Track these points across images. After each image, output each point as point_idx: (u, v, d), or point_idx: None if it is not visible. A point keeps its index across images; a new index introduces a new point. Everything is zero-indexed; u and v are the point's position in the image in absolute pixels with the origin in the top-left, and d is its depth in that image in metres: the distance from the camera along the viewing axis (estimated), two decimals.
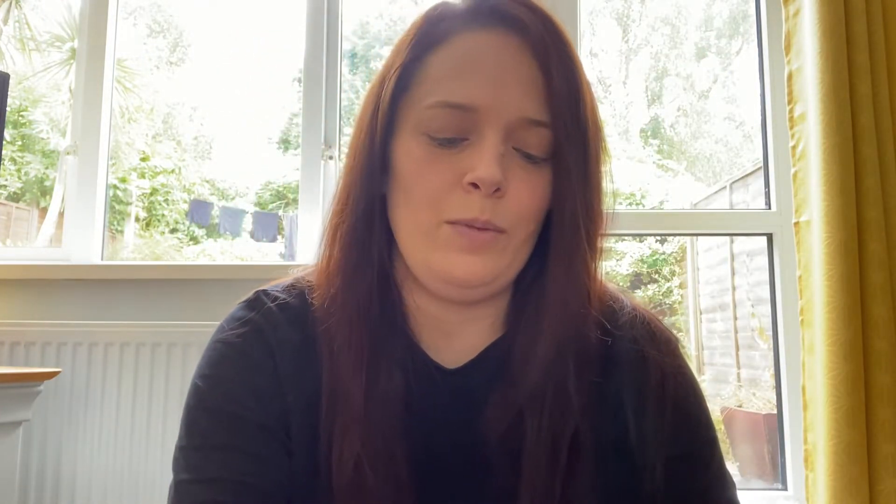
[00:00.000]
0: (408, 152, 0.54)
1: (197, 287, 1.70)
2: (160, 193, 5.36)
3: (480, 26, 0.53)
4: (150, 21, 5.69)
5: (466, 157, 0.52)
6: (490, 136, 0.52)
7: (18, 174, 4.94)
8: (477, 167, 0.51)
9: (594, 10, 5.65)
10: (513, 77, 0.52)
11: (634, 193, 5.58)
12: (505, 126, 0.52)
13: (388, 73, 0.56)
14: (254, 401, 0.55)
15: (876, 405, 1.38)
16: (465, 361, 0.59)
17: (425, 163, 0.53)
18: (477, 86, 0.52)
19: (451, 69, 0.53)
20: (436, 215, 0.53)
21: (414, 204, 0.54)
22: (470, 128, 0.52)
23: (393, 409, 0.54)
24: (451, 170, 0.52)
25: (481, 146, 0.52)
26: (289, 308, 0.59)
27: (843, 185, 1.41)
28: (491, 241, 0.53)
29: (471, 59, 0.52)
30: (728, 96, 6.17)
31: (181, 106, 5.82)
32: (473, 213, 0.51)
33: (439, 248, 0.53)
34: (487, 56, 0.52)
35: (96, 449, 1.59)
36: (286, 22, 4.00)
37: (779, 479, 1.73)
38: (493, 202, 0.52)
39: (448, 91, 0.52)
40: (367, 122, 0.56)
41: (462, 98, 0.52)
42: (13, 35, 4.89)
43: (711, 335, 4.32)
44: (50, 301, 1.71)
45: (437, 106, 0.52)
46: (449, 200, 0.52)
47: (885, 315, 1.40)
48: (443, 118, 0.52)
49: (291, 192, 5.41)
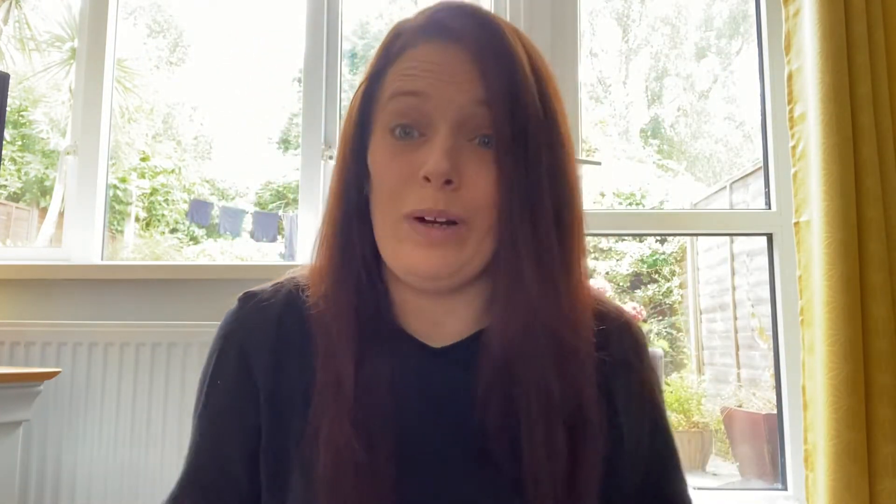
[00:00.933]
0: (377, 152, 0.60)
1: (197, 287, 1.70)
2: (160, 193, 5.36)
3: (427, 39, 0.60)
4: (150, 21, 5.69)
5: (422, 153, 0.57)
6: (441, 130, 0.56)
7: (18, 174, 4.94)
8: (427, 161, 0.55)
9: (594, 10, 5.65)
10: (454, 75, 0.58)
11: (634, 193, 5.59)
12: (453, 120, 0.57)
13: (361, 86, 0.63)
14: (225, 424, 0.65)
15: (876, 405, 1.38)
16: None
17: (389, 160, 0.58)
18: (424, 79, 0.58)
19: (405, 70, 0.59)
20: (397, 209, 0.57)
21: (382, 200, 0.59)
22: (424, 122, 0.58)
23: (382, 393, 0.58)
24: (409, 165, 0.57)
25: (433, 141, 0.56)
26: (271, 308, 0.65)
27: (843, 185, 1.41)
28: (449, 235, 0.56)
29: (419, 62, 0.59)
30: (728, 96, 6.18)
31: (181, 106, 5.82)
32: (427, 204, 0.56)
33: (402, 243, 0.57)
34: (432, 59, 0.59)
35: (96, 449, 1.59)
36: (286, 22, 4.00)
37: (779, 479, 1.73)
38: (447, 194, 0.56)
39: (401, 84, 0.59)
40: (346, 135, 0.63)
41: (412, 86, 0.58)
42: (13, 35, 4.88)
43: (711, 335, 4.32)
44: (50, 301, 1.71)
45: (392, 96, 0.59)
46: (407, 194, 0.57)
47: (885, 315, 1.40)
48: (398, 105, 0.58)
49: (291, 192, 5.41)
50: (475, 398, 0.58)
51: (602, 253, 5.29)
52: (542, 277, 0.57)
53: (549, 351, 0.58)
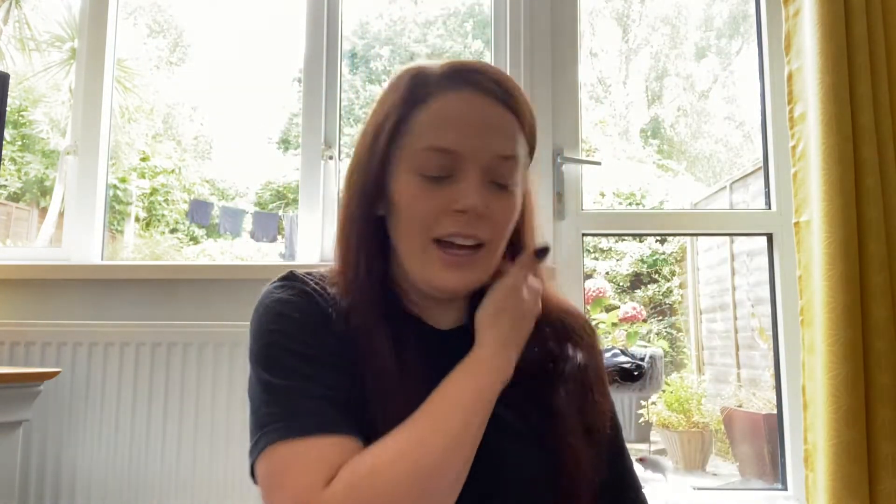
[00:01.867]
0: (404, 188, 0.68)
1: (197, 287, 1.70)
2: (160, 193, 5.36)
3: (455, 89, 0.69)
4: (150, 21, 5.69)
5: (452, 190, 0.67)
6: (471, 173, 0.67)
7: (18, 174, 4.94)
8: (465, 197, 0.66)
9: (594, 10, 5.66)
10: (483, 125, 0.68)
11: (634, 193, 5.59)
12: (482, 165, 0.68)
13: (382, 124, 0.70)
14: (321, 342, 0.66)
15: (876, 405, 1.38)
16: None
17: (418, 196, 0.68)
18: (458, 134, 0.67)
19: (437, 121, 0.68)
20: (426, 235, 0.67)
21: (409, 229, 0.68)
22: (454, 167, 0.67)
23: (417, 373, 0.66)
24: (440, 200, 0.67)
25: (466, 181, 0.67)
26: (312, 285, 0.71)
27: (843, 185, 1.41)
28: (472, 258, 0.68)
29: (451, 113, 0.68)
30: (728, 96, 6.18)
31: (181, 106, 5.82)
32: (458, 228, 0.67)
33: (431, 266, 0.68)
34: (463, 111, 0.68)
35: (96, 449, 1.59)
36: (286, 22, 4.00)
37: (779, 479, 1.73)
38: (476, 221, 0.67)
39: (435, 138, 0.67)
40: (364, 163, 0.71)
41: (447, 143, 0.67)
42: (13, 35, 4.88)
43: (711, 335, 4.32)
44: (50, 301, 1.71)
45: (427, 149, 0.67)
46: (439, 222, 0.67)
47: (885, 315, 1.40)
48: (433, 159, 0.67)
49: (291, 192, 5.40)
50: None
51: (602, 253, 5.29)
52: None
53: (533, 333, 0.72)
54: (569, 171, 1.73)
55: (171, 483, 1.57)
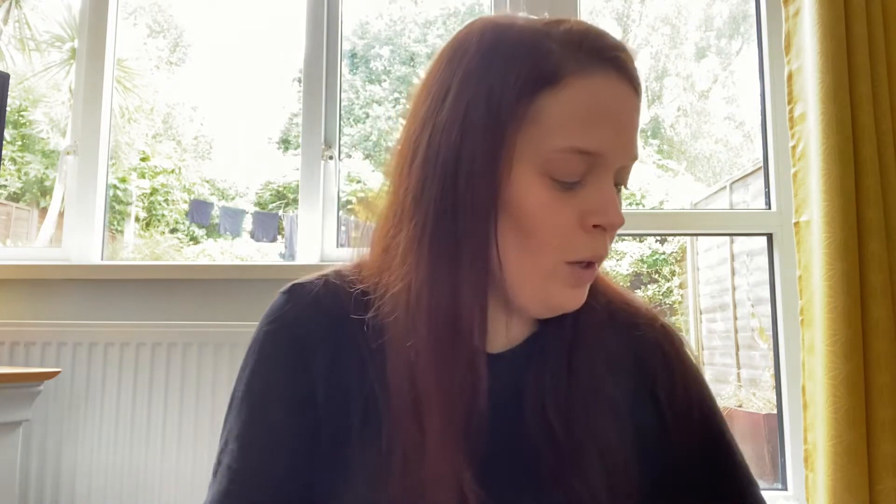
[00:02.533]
0: (529, 192, 0.55)
1: (197, 287, 1.70)
2: (160, 193, 5.36)
3: (596, 71, 0.55)
4: (150, 21, 5.69)
5: (584, 198, 0.55)
6: (607, 178, 0.56)
7: (18, 174, 4.94)
8: (605, 212, 0.55)
9: (594, 10, 5.66)
10: (630, 123, 0.56)
11: (634, 193, 5.59)
12: (618, 167, 0.57)
13: (496, 103, 0.54)
14: (284, 407, 0.59)
15: (876, 405, 1.38)
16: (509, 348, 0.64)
17: (550, 206, 0.55)
18: (608, 134, 0.54)
19: (581, 115, 0.54)
20: (559, 257, 0.56)
21: (536, 246, 0.56)
22: (589, 169, 0.55)
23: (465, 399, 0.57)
24: (573, 212, 0.55)
25: (602, 189, 0.55)
26: (323, 300, 0.62)
27: (843, 185, 1.41)
28: (593, 272, 0.59)
29: (599, 106, 0.54)
30: (728, 96, 6.18)
31: (181, 106, 5.82)
32: (599, 251, 0.57)
33: (557, 286, 0.57)
34: (612, 104, 0.55)
35: (96, 449, 1.59)
36: (286, 22, 4.00)
37: (779, 479, 1.73)
38: (608, 236, 0.57)
39: (580, 138, 0.54)
40: (483, 152, 0.55)
41: (596, 146, 0.54)
42: (13, 35, 4.88)
43: (711, 335, 4.32)
44: (50, 301, 1.71)
45: (568, 151, 0.54)
46: (572, 243, 0.56)
47: (885, 315, 1.40)
48: (572, 163, 0.54)
49: (291, 192, 5.40)
50: (536, 397, 0.60)
51: None
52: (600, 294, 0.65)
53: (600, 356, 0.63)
54: None
55: (171, 483, 1.56)
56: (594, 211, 0.55)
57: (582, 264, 0.56)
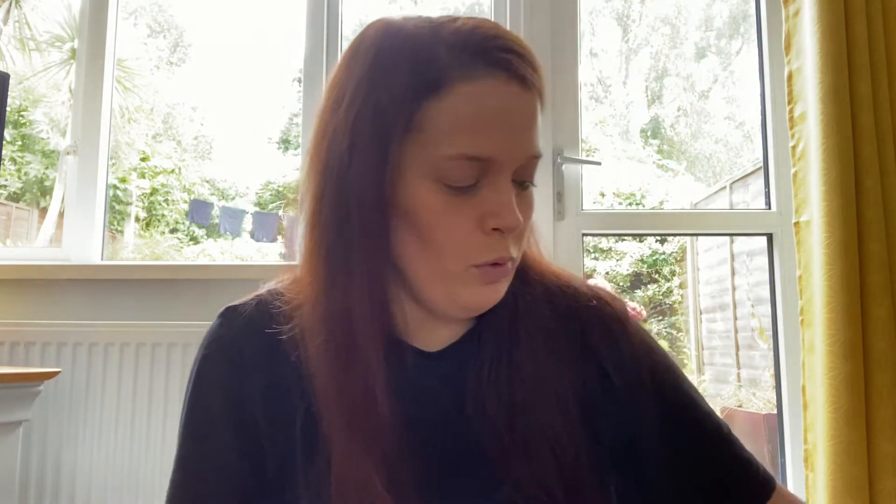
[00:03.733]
0: (422, 200, 0.54)
1: (197, 287, 1.70)
2: (160, 193, 5.36)
3: (481, 75, 0.54)
4: (151, 21, 5.69)
5: (481, 200, 0.55)
6: (504, 180, 0.55)
7: (18, 174, 4.94)
8: (501, 214, 0.54)
9: (594, 10, 5.65)
10: (522, 124, 0.55)
11: (634, 193, 5.59)
12: (514, 168, 0.56)
13: (383, 113, 0.54)
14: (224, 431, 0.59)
15: (876, 405, 1.38)
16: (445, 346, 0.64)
17: (444, 212, 0.54)
18: (497, 138, 0.54)
19: (466, 122, 0.53)
20: (463, 262, 0.55)
21: (435, 251, 0.55)
22: (483, 172, 0.55)
23: (386, 402, 0.56)
24: (470, 215, 0.55)
25: (499, 191, 0.55)
26: (256, 322, 0.62)
27: (843, 185, 1.41)
28: (504, 270, 0.58)
29: (485, 111, 0.53)
30: (728, 96, 6.18)
31: (181, 106, 5.82)
32: (500, 254, 0.56)
33: (467, 286, 0.56)
34: (500, 107, 0.54)
35: (96, 449, 1.59)
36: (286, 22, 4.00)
37: (779, 479, 1.72)
38: (511, 238, 0.56)
39: (468, 145, 0.53)
40: (369, 163, 0.55)
41: (482, 151, 0.53)
42: (13, 35, 4.89)
43: (711, 335, 4.32)
44: (50, 301, 1.71)
45: (457, 158, 0.53)
46: (473, 246, 0.55)
47: (885, 315, 1.40)
48: (462, 169, 0.54)
49: (291, 192, 5.40)
50: (476, 394, 0.60)
51: (602, 253, 5.29)
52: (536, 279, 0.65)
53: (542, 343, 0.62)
54: (569, 171, 1.73)
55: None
56: (490, 214, 0.54)
57: (490, 264, 0.56)
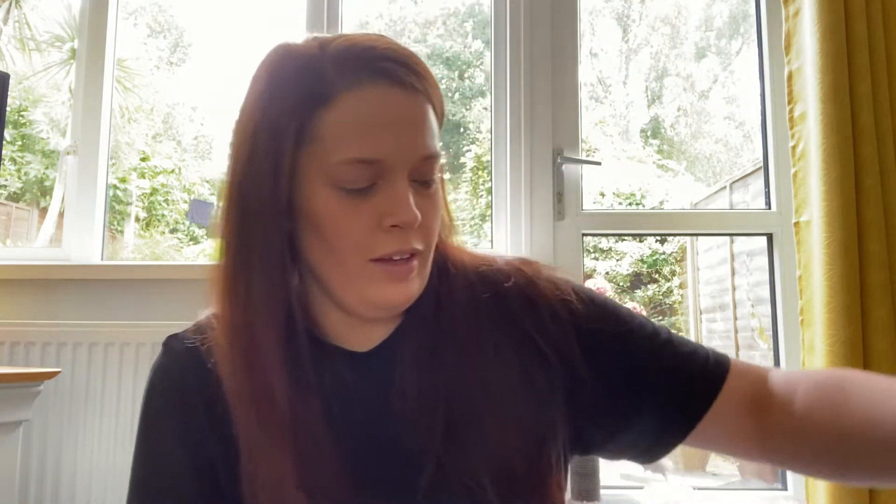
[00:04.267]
0: (322, 205, 0.58)
1: (197, 287, 1.69)
2: (160, 193, 5.36)
3: (362, 84, 0.58)
4: (151, 21, 5.69)
5: (380, 201, 0.58)
6: (399, 179, 0.58)
7: (18, 174, 4.94)
8: (396, 211, 0.57)
9: (594, 10, 5.66)
10: (409, 126, 0.59)
11: (634, 193, 5.59)
12: (409, 168, 0.59)
13: (279, 127, 0.58)
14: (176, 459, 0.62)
15: None
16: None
17: (343, 214, 0.58)
18: (385, 141, 0.57)
19: (353, 128, 0.58)
20: (362, 257, 0.59)
21: (338, 251, 0.59)
22: (378, 175, 0.58)
23: (315, 406, 0.60)
24: (368, 216, 0.58)
25: (394, 190, 0.58)
26: (197, 350, 0.66)
27: (843, 185, 1.41)
28: (413, 267, 0.60)
29: (367, 117, 0.58)
30: (728, 96, 6.18)
31: (181, 106, 5.82)
32: (398, 246, 0.58)
33: (373, 284, 0.59)
34: (384, 112, 0.58)
35: (96, 449, 1.59)
36: (286, 22, 4.00)
37: (779, 479, 1.73)
38: (411, 233, 0.59)
39: (355, 149, 0.57)
40: (266, 172, 0.59)
41: (371, 154, 0.57)
42: (13, 35, 4.89)
43: (711, 335, 4.32)
44: (50, 301, 1.71)
45: (349, 163, 0.57)
46: (374, 241, 0.58)
47: (885, 315, 1.40)
48: (354, 172, 0.57)
49: None
50: (402, 391, 0.62)
51: (602, 253, 5.29)
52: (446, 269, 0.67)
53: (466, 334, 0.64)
54: (569, 171, 1.73)
55: None
56: (387, 212, 0.58)
57: (393, 260, 0.59)
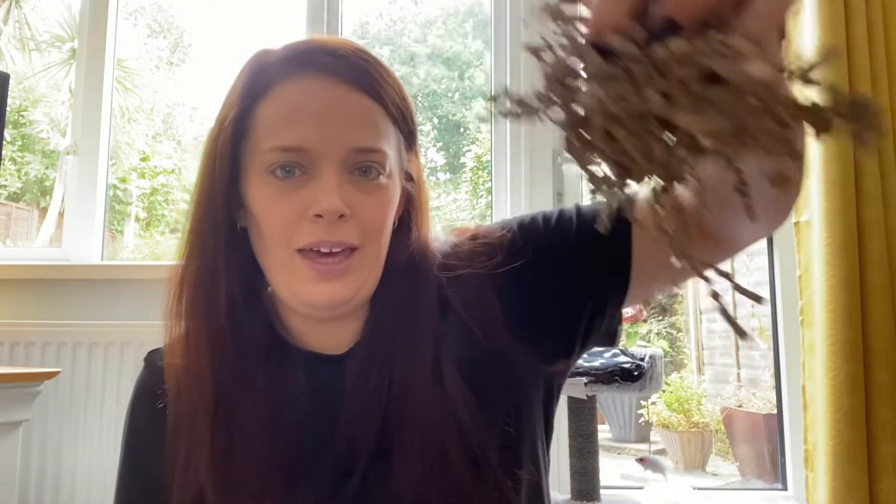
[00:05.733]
0: (257, 193, 0.59)
1: None
2: (160, 193, 5.36)
3: (293, 75, 0.59)
4: (151, 21, 5.69)
5: (308, 192, 0.57)
6: (326, 170, 0.57)
7: (18, 174, 4.94)
8: (319, 200, 0.56)
9: None
10: (336, 117, 0.58)
11: None
12: (339, 159, 0.58)
13: (223, 124, 0.61)
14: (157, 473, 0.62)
15: (876, 405, 1.38)
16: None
17: (273, 201, 0.58)
18: (309, 130, 0.57)
19: (281, 115, 0.58)
20: (287, 246, 0.58)
21: (268, 239, 0.59)
22: (308, 164, 0.58)
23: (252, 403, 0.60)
24: (296, 205, 0.57)
25: (319, 180, 0.57)
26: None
27: (843, 185, 1.41)
28: (343, 267, 0.58)
29: (292, 105, 0.58)
30: None
31: (181, 106, 5.82)
32: (321, 236, 0.57)
33: (299, 280, 0.58)
34: (311, 102, 0.58)
35: (96, 449, 1.59)
36: (286, 22, 4.00)
37: (779, 479, 1.73)
38: (340, 224, 0.57)
39: (279, 136, 0.58)
40: (207, 171, 0.61)
41: (294, 141, 0.57)
42: (13, 35, 4.89)
43: (711, 335, 4.32)
44: (50, 301, 1.71)
45: (276, 150, 0.58)
46: (298, 230, 0.57)
47: (885, 315, 1.40)
48: (281, 160, 0.58)
49: None
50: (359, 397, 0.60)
51: None
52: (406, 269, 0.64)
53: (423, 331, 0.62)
54: (569, 171, 1.73)
55: None
56: (312, 201, 0.57)
57: (318, 255, 0.57)
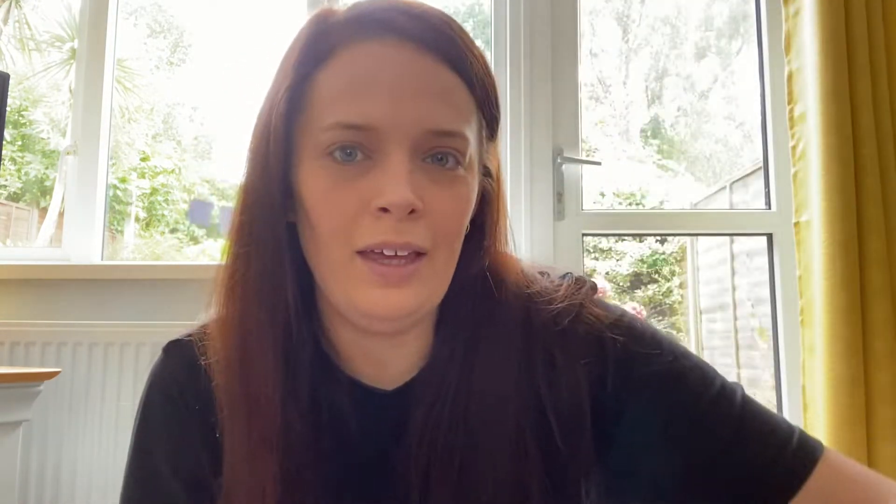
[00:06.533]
0: (310, 180, 0.49)
1: (197, 287, 1.69)
2: (160, 193, 5.36)
3: (362, 38, 0.49)
4: (151, 21, 5.69)
5: (372, 179, 0.48)
6: (395, 154, 0.47)
7: (18, 174, 4.94)
8: (385, 190, 0.47)
9: (594, 10, 5.65)
10: (413, 89, 0.48)
11: (634, 193, 5.58)
12: (411, 142, 0.48)
13: (275, 96, 0.51)
14: (168, 470, 0.58)
15: (876, 405, 1.38)
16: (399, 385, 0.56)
17: (330, 191, 0.48)
18: (372, 102, 0.47)
19: (344, 86, 0.48)
20: (345, 246, 0.48)
21: (322, 238, 0.49)
22: (373, 146, 0.48)
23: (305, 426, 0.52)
24: (357, 195, 0.48)
25: (386, 167, 0.47)
26: (194, 358, 0.60)
27: (843, 185, 1.41)
28: (411, 271, 0.48)
29: (362, 73, 0.48)
30: (728, 96, 6.17)
31: (181, 106, 5.82)
32: (385, 237, 0.47)
33: (358, 285, 0.49)
34: (383, 70, 0.48)
35: (96, 449, 1.59)
36: (286, 22, 4.00)
37: None
38: (409, 223, 0.47)
39: (343, 111, 0.48)
40: (260, 153, 0.51)
41: (358, 117, 0.47)
42: (13, 35, 4.89)
43: (711, 335, 4.33)
44: (50, 301, 1.71)
45: (334, 128, 0.48)
46: (358, 228, 0.48)
47: (885, 315, 1.40)
48: (341, 139, 0.48)
49: None
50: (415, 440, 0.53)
51: (602, 253, 5.29)
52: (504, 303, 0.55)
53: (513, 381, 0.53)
54: (569, 171, 1.73)
55: None
56: (376, 191, 0.47)
57: (381, 257, 0.48)
